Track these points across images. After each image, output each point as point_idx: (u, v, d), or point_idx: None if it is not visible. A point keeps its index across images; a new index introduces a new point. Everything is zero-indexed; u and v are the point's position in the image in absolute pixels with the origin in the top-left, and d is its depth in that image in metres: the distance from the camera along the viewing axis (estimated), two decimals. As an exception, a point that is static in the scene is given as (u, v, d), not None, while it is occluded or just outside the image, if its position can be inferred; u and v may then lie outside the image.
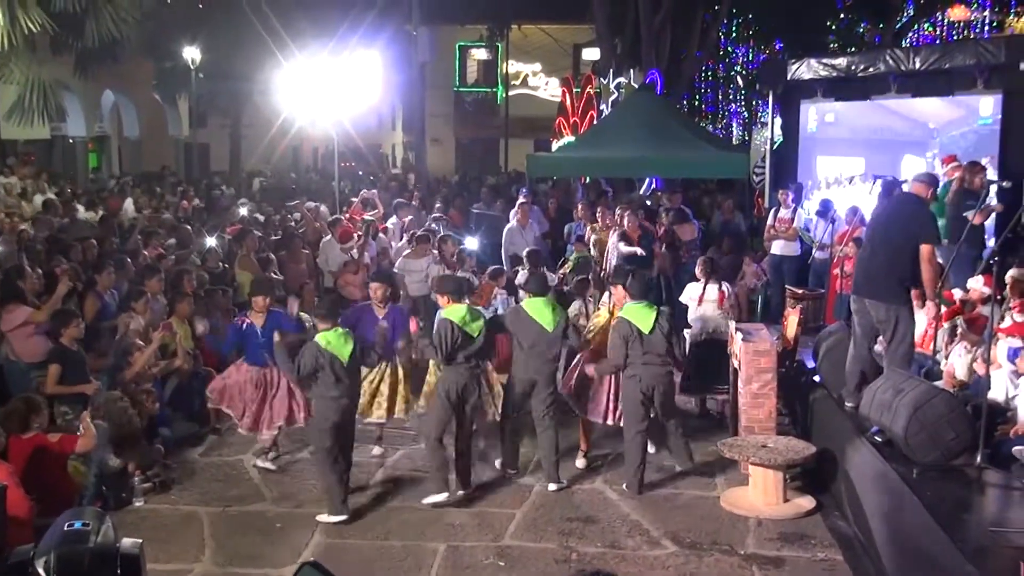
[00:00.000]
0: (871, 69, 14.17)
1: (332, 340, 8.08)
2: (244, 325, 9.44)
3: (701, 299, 10.88)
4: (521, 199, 16.69)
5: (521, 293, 9.18)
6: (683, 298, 11.24)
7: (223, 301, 11.73)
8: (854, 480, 7.95)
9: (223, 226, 15.89)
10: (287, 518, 8.13)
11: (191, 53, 30.10)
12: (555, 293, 10.67)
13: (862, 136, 14.84)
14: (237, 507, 8.47)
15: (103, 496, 8.12)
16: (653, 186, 20.69)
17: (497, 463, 9.29)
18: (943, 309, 9.10)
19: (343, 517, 8.02)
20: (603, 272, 13.88)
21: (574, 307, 10.26)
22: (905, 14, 27.03)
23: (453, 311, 8.65)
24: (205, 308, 11.34)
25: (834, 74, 14.83)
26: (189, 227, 15.04)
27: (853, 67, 14.49)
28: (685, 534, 7.91)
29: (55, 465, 7.78)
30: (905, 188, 9.16)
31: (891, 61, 13.78)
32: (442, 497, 8.40)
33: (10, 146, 25.93)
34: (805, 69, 15.22)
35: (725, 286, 11.02)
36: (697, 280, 11.13)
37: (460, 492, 8.60)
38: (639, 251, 13.25)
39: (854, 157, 14.90)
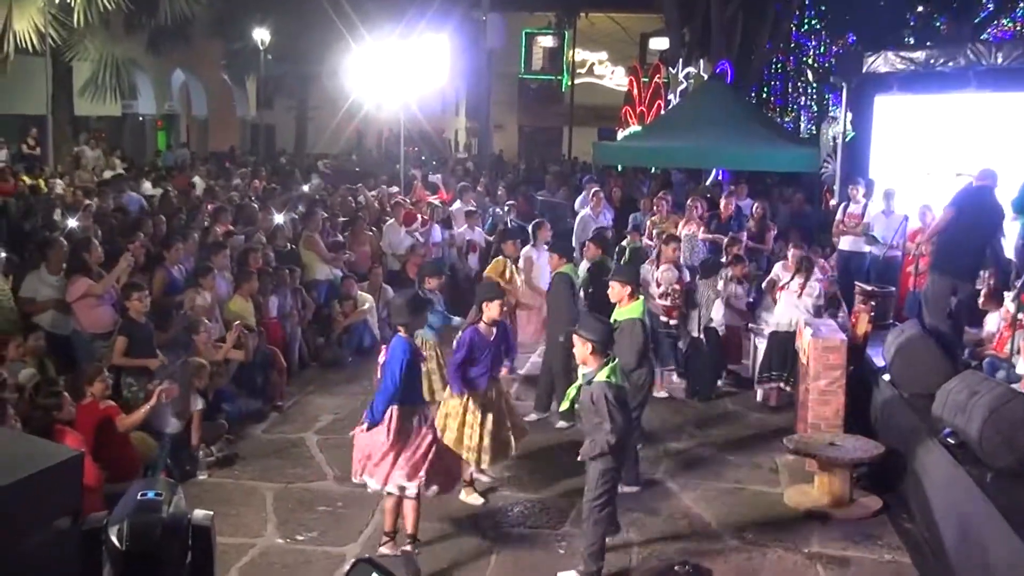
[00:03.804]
0: (950, 64, 13.81)
1: (614, 374, 6.73)
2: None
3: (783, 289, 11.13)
4: (595, 188, 16.65)
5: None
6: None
7: (290, 280, 11.85)
8: (924, 482, 7.78)
9: (291, 204, 15.97)
10: (348, 497, 8.12)
11: (260, 34, 30.42)
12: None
13: (955, 127, 14.27)
14: (299, 484, 8.51)
15: (168, 468, 8.21)
16: (719, 178, 20.49)
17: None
18: (1020, 313, 8.87)
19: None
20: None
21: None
22: (985, 8, 26.43)
23: (637, 308, 8.40)
24: (272, 286, 11.44)
25: (912, 68, 14.47)
26: (256, 205, 15.16)
27: (932, 61, 14.13)
28: (747, 529, 7.80)
29: (118, 433, 7.86)
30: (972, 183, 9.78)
31: (972, 55, 13.41)
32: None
33: (83, 122, 26.38)
34: (882, 62, 14.89)
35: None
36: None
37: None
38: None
39: (949, 148, 14.29)
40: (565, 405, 7.44)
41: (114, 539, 2.54)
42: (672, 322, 11.19)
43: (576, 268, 11.16)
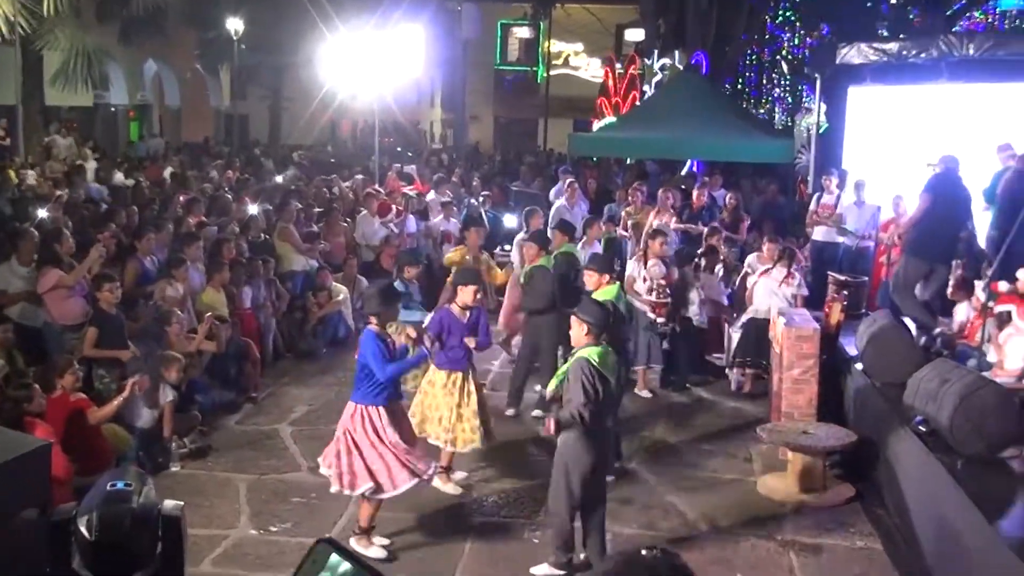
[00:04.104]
0: (923, 55, 13.86)
1: (600, 358, 6.59)
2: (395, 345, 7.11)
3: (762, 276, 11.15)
4: (569, 178, 16.63)
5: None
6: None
7: (264, 271, 11.79)
8: (896, 469, 7.84)
9: (265, 195, 15.87)
10: (322, 489, 8.02)
11: (234, 24, 30.15)
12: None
13: (928, 118, 14.33)
14: (273, 475, 8.48)
15: (140, 460, 8.16)
16: (693, 169, 20.53)
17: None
18: (990, 302, 8.94)
19: (562, 574, 6.80)
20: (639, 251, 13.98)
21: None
22: (957, 0, 26.56)
23: (611, 291, 8.53)
24: (246, 277, 11.38)
25: (884, 59, 14.52)
26: (229, 196, 15.07)
27: (904, 52, 14.18)
28: (721, 518, 7.85)
29: (89, 426, 7.82)
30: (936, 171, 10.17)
31: (944, 47, 13.46)
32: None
33: (54, 112, 26.11)
34: (855, 53, 14.93)
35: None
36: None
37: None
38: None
39: (921, 139, 14.32)
40: (553, 384, 7.40)
41: (83, 530, 2.53)
42: (660, 320, 11.04)
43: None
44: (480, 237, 11.99)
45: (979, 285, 9.57)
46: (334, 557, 1.77)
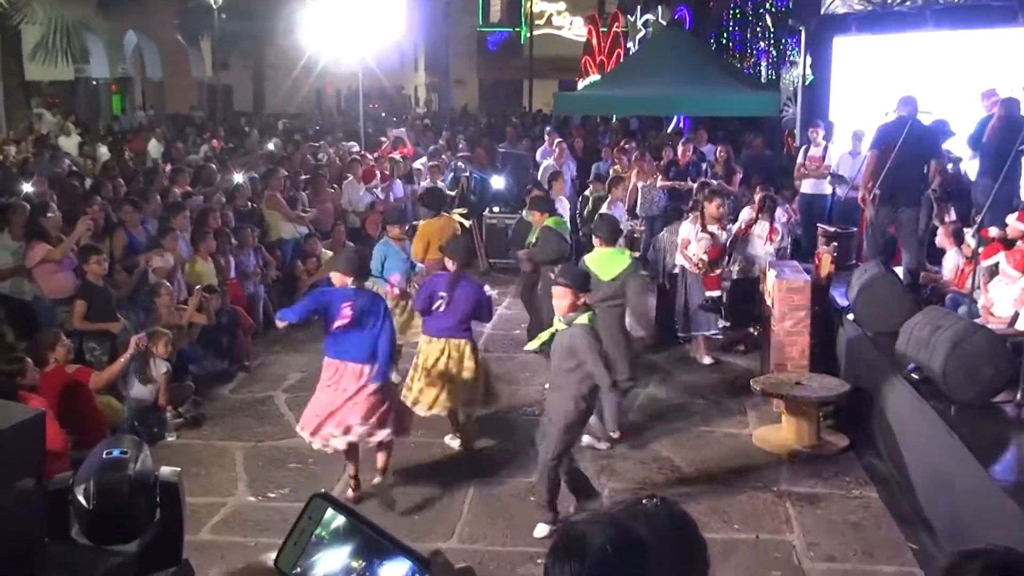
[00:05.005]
0: (907, 2, 13.81)
1: (592, 321, 6.58)
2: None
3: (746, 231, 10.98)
4: (557, 138, 16.57)
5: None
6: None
7: (251, 239, 11.74)
8: (889, 418, 7.88)
9: (251, 164, 15.82)
10: (319, 453, 8.01)
11: (213, -8, 29.87)
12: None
13: (913, 66, 14.27)
14: (269, 442, 8.49)
15: (136, 431, 8.15)
16: (679, 125, 20.47)
17: None
18: (980, 248, 8.95)
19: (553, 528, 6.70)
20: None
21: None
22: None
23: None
24: (233, 246, 11.32)
25: (869, 8, 14.47)
26: (214, 166, 14.99)
27: (889, 0, 14.13)
28: (717, 471, 7.88)
29: (84, 399, 7.82)
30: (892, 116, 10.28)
31: (929, -7, 13.41)
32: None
33: (35, 87, 25.87)
34: (839, 3, 14.88)
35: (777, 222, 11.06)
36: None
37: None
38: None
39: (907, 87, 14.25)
40: (533, 345, 7.40)
41: (81, 498, 2.52)
42: (715, 294, 10.59)
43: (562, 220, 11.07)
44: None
45: (968, 232, 9.58)
46: (329, 512, 1.75)
